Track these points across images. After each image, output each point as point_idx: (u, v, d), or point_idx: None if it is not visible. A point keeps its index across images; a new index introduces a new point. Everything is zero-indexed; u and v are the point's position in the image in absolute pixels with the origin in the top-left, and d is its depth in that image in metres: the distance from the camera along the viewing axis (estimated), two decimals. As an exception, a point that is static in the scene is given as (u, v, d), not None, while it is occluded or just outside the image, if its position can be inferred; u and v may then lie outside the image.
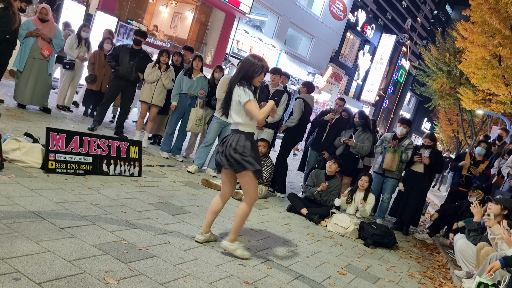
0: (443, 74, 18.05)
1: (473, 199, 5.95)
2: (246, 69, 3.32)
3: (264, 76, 3.40)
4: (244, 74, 3.32)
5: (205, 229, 3.48)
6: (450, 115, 24.83)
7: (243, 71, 3.33)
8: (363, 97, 35.05)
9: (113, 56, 6.60)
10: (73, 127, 6.39)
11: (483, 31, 10.47)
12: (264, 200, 5.89)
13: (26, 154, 4.04)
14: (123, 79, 6.61)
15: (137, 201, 4.04)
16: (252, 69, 3.32)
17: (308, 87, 6.80)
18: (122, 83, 6.66)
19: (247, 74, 3.32)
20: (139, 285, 2.51)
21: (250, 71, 3.32)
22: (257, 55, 3.44)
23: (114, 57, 6.58)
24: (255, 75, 3.33)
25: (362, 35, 31.53)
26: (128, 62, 6.55)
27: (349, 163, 6.44)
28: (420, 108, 50.20)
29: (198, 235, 3.48)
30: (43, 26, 6.48)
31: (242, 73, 3.33)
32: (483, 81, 11.20)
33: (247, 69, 3.32)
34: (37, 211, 3.09)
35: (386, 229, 5.33)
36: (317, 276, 3.55)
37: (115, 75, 6.65)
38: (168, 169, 5.85)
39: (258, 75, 3.34)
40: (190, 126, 6.42)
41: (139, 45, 6.71)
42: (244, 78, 3.32)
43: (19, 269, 2.28)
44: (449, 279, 4.76)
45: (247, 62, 3.35)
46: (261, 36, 21.06)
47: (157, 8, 17.42)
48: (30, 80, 6.43)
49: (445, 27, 42.87)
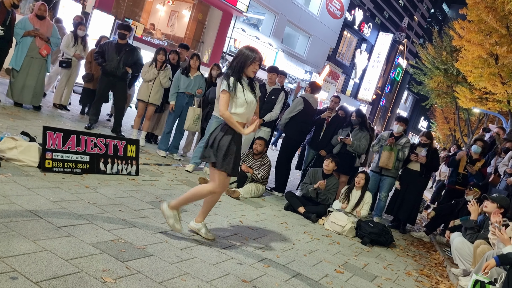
0: (440, 73, 18.11)
1: (470, 198, 5.99)
2: (238, 60, 3.34)
3: (259, 66, 3.40)
4: (236, 64, 3.33)
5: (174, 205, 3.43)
6: (447, 113, 24.92)
7: (235, 61, 3.35)
8: (360, 95, 35.10)
9: (99, 53, 6.49)
10: (70, 126, 6.37)
11: (479, 30, 10.49)
12: (261, 198, 5.90)
13: (23, 153, 4.02)
14: (110, 75, 6.51)
15: (134, 200, 4.03)
16: (244, 59, 3.33)
17: (313, 87, 6.73)
18: (110, 79, 6.55)
19: (239, 64, 3.33)
20: (137, 284, 2.51)
21: (242, 61, 3.33)
22: (250, 47, 3.44)
23: (100, 54, 6.47)
24: (247, 64, 3.33)
25: (359, 34, 31.56)
26: (115, 57, 6.44)
27: (346, 161, 6.45)
28: (417, 107, 50.35)
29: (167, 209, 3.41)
30: (40, 24, 6.45)
31: (234, 64, 3.34)
32: (479, 79, 11.23)
33: (239, 60, 3.34)
34: (34, 210, 3.08)
35: (383, 227, 5.35)
36: (314, 274, 3.56)
37: (103, 72, 6.56)
38: (165, 167, 5.85)
39: (251, 64, 3.34)
40: (187, 125, 6.41)
41: (125, 39, 6.57)
42: (237, 69, 3.33)
43: (16, 268, 2.28)
44: (446, 277, 4.78)
45: (240, 53, 3.37)
46: (258, 34, 21.04)
47: (154, 7, 17.37)
48: (28, 79, 6.41)
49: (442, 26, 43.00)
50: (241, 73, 3.35)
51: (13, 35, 6.36)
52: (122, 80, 6.66)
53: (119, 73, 6.53)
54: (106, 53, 6.46)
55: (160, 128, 7.38)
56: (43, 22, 6.49)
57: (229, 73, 3.34)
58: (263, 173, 5.92)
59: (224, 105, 3.28)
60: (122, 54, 6.47)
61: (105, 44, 6.58)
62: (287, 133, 6.62)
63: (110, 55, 6.43)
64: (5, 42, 6.27)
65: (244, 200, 5.47)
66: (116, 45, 6.51)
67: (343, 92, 32.57)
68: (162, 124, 7.26)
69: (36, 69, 6.46)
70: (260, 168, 5.94)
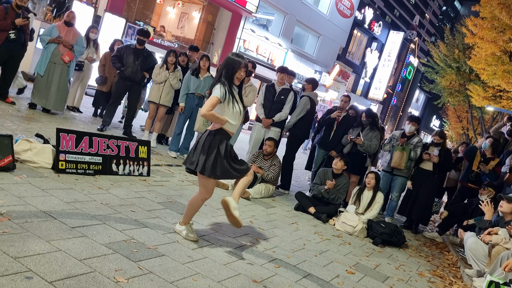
0: (452, 71, 17.86)
1: (484, 197, 5.90)
2: (227, 68, 3.33)
3: (246, 71, 3.39)
4: (227, 73, 3.33)
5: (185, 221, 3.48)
6: (459, 112, 24.58)
7: (224, 70, 3.34)
8: (370, 95, 34.83)
9: (117, 57, 6.61)
10: (83, 128, 6.46)
11: (493, 27, 10.34)
12: (271, 199, 5.90)
13: (37, 155, 4.10)
14: (128, 80, 6.65)
15: (146, 201, 4.07)
16: (231, 66, 3.32)
17: (314, 84, 6.84)
18: (127, 83, 6.69)
19: (227, 72, 3.33)
20: (149, 283, 2.53)
21: (230, 69, 3.32)
22: (237, 53, 3.43)
23: (118, 58, 6.59)
24: (235, 71, 3.32)
25: (370, 33, 31.34)
26: (133, 62, 6.57)
27: (357, 161, 6.42)
28: (429, 106, 49.76)
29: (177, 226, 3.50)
30: (66, 31, 6.63)
31: (224, 72, 3.33)
32: (493, 77, 11.06)
33: (227, 68, 3.33)
34: (48, 211, 3.13)
35: (395, 227, 5.31)
36: (325, 275, 3.55)
37: (121, 76, 6.68)
38: (176, 168, 5.89)
39: (237, 71, 3.33)
40: (197, 126, 6.42)
41: (143, 45, 6.72)
42: (228, 77, 3.33)
43: (31, 268, 2.32)
44: (460, 278, 4.72)
45: (226, 61, 3.36)
46: (268, 35, 21.04)
47: (164, 9, 17.50)
48: (50, 85, 6.56)
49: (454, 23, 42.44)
50: (231, 81, 3.35)
51: (27, 39, 6.49)
52: (139, 84, 6.82)
53: (137, 78, 6.68)
54: (124, 57, 6.56)
55: (171, 130, 7.44)
56: (69, 29, 6.69)
57: (224, 82, 3.31)
58: (273, 173, 5.92)
59: (209, 108, 3.24)
60: (140, 60, 6.59)
61: (123, 48, 6.68)
62: (293, 131, 6.63)
63: (128, 60, 6.56)
64: (19, 46, 6.39)
65: (254, 201, 5.48)
66: (134, 50, 6.62)
67: (353, 91, 32.36)
68: (173, 126, 7.31)
69: (57, 75, 6.61)
70: (270, 169, 5.94)
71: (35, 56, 9.02)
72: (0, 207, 2.93)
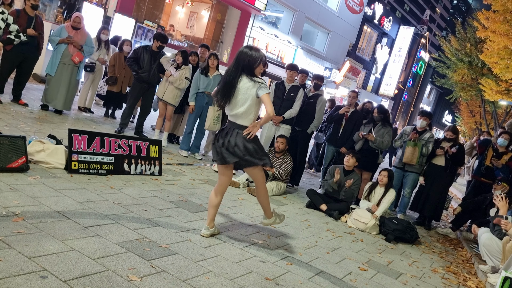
0: (464, 65, 17.60)
1: (498, 192, 5.81)
2: (245, 63, 3.22)
3: (265, 67, 3.36)
4: (244, 67, 3.23)
5: (210, 224, 3.50)
6: (472, 106, 24.25)
7: (242, 64, 3.23)
8: (381, 91, 34.53)
9: (134, 59, 6.58)
10: (95, 128, 6.52)
11: (505, 20, 10.16)
12: (283, 196, 5.89)
13: (50, 156, 4.15)
14: (145, 82, 6.68)
15: (158, 200, 4.10)
16: (251, 61, 3.23)
17: (322, 80, 6.95)
18: (144, 86, 6.72)
19: (248, 67, 3.23)
20: (162, 282, 2.55)
21: (250, 64, 3.22)
22: (252, 46, 3.33)
23: (135, 60, 6.58)
24: (254, 67, 3.25)
25: (380, 28, 31.04)
26: (150, 65, 6.57)
27: (368, 158, 6.37)
28: (440, 101, 49.15)
29: (203, 230, 3.49)
30: (75, 33, 6.69)
31: (242, 66, 3.23)
32: (506, 71, 10.87)
33: (246, 62, 3.22)
34: (62, 211, 3.17)
35: (407, 224, 5.26)
36: (338, 272, 3.54)
37: (137, 79, 6.66)
38: (187, 167, 5.92)
39: (257, 67, 3.26)
40: (208, 124, 6.46)
41: (161, 49, 6.75)
42: (246, 71, 3.24)
43: (46, 267, 2.35)
44: (474, 274, 4.67)
45: (244, 55, 3.24)
46: (277, 32, 20.98)
47: (174, 8, 17.57)
48: (61, 85, 6.64)
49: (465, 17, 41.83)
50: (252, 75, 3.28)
51: (41, 41, 6.58)
52: (154, 86, 6.88)
53: (154, 81, 6.75)
54: (140, 60, 6.57)
55: (182, 129, 7.47)
56: (78, 31, 6.74)
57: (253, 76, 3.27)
58: (285, 171, 5.91)
59: (272, 104, 3.28)
60: (157, 63, 6.63)
61: (139, 50, 6.63)
62: (301, 126, 6.60)
63: (146, 64, 6.55)
64: (33, 49, 6.48)
65: (266, 199, 5.47)
66: (152, 52, 6.62)
67: (364, 87, 32.12)
68: (183, 125, 7.34)
69: (67, 76, 6.68)
70: (282, 167, 5.94)
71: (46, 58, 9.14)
72: (14, 208, 2.98)
